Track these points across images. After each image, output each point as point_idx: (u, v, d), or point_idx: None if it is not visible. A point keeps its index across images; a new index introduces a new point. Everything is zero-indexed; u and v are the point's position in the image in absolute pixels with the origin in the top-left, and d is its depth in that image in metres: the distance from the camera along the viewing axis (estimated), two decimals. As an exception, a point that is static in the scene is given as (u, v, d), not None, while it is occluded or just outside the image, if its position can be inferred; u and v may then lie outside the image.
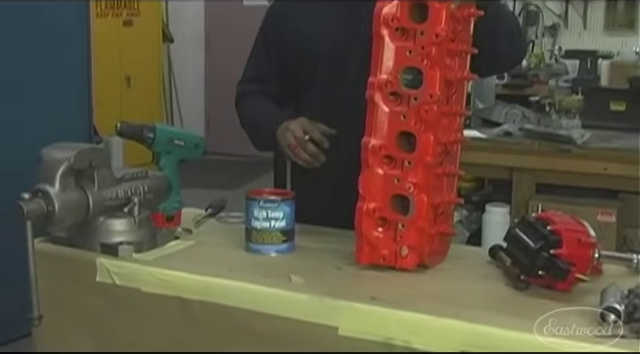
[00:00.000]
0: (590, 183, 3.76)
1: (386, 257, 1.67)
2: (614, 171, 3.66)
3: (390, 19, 1.66)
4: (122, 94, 7.37)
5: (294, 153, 1.93)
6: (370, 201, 1.67)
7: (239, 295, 1.59)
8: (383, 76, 1.67)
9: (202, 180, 6.32)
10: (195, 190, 3.76)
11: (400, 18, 1.66)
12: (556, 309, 1.45)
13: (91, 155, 1.74)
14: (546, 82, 5.09)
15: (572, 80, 5.10)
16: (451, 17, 1.65)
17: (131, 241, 1.77)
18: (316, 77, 2.09)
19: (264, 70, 2.18)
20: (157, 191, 1.89)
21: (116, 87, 7.27)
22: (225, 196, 2.27)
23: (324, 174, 1.97)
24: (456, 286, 1.64)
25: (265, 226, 1.79)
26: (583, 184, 3.77)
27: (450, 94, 1.70)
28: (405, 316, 1.44)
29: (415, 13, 1.67)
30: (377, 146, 1.67)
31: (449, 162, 1.73)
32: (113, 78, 7.14)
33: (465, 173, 1.78)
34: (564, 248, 1.50)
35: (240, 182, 6.76)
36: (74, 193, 1.71)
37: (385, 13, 1.67)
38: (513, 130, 4.10)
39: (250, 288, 1.59)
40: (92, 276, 1.73)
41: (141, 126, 1.94)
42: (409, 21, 1.66)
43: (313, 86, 2.11)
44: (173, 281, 1.66)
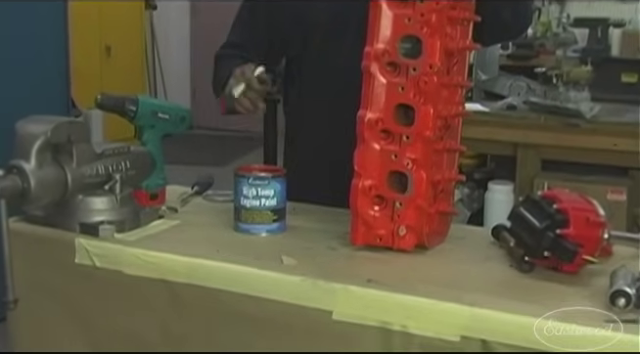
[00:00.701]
0: (599, 159, 3.77)
1: (382, 237, 1.68)
2: (624, 147, 3.67)
3: None
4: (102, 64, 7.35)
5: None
6: (366, 179, 1.67)
7: (227, 278, 1.59)
8: (380, 46, 1.67)
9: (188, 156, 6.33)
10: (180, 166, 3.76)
11: None
12: (562, 292, 1.47)
13: (69, 129, 1.74)
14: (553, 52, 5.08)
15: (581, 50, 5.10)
16: None
17: (112, 220, 1.77)
18: (310, 48, 2.09)
19: (248, 38, 2.19)
20: (139, 167, 1.89)
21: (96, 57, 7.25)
22: (213, 172, 2.27)
23: (320, 150, 1.98)
24: (457, 268, 1.64)
25: (255, 204, 1.79)
26: (592, 160, 3.78)
27: (451, 65, 1.70)
28: (403, 299, 1.45)
29: None
30: (373, 119, 1.67)
31: (450, 137, 1.73)
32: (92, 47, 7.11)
33: (466, 149, 1.78)
34: (571, 228, 1.50)
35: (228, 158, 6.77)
36: (51, 169, 1.71)
37: None
38: (517, 103, 4.10)
39: (238, 270, 1.59)
40: (71, 257, 1.73)
41: (122, 98, 1.94)
42: None
43: (307, 57, 2.11)
44: (157, 262, 1.66)
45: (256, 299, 1.56)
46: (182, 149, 4.95)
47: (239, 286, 1.58)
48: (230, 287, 1.58)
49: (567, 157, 3.84)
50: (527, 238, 1.57)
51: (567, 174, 3.79)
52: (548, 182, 3.65)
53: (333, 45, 2.03)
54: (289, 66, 2.26)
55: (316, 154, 2.07)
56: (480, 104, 4.17)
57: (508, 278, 1.57)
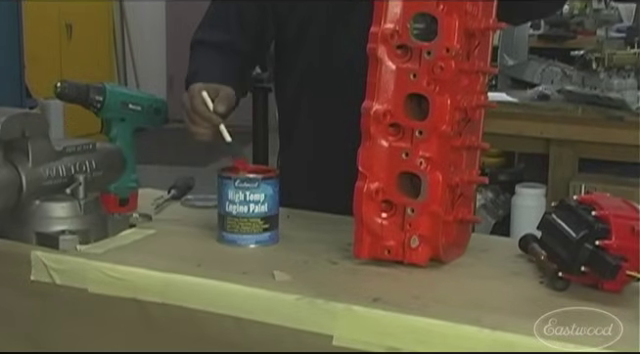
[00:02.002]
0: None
1: (391, 250, 1.69)
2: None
3: None
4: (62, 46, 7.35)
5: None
6: (372, 181, 1.68)
7: (209, 297, 1.60)
8: (388, 26, 1.68)
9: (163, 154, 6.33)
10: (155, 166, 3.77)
11: None
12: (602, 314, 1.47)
13: (23, 123, 1.74)
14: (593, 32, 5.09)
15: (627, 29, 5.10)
16: None
17: (75, 229, 1.78)
18: (310, 32, 2.09)
19: (234, 16, 2.18)
20: (107, 167, 1.90)
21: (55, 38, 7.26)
22: (192, 173, 2.29)
23: (321, 148, 1.97)
24: (477, 285, 1.65)
25: (243, 211, 1.80)
26: (637, 160, 3.79)
27: (472, 48, 1.70)
28: (414, 322, 1.45)
29: None
30: (380, 112, 1.67)
31: (470, 133, 1.73)
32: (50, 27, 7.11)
33: (490, 147, 1.79)
34: (613, 239, 1.51)
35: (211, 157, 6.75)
36: (3, 169, 1.71)
37: None
38: (551, 92, 4.12)
39: (222, 288, 1.60)
40: (26, 273, 1.73)
41: (87, 87, 1.95)
42: None
43: (306, 43, 2.11)
44: (128, 279, 1.66)
45: (243, 322, 1.56)
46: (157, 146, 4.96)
47: (223, 306, 1.58)
48: (212, 307, 1.59)
49: (608, 156, 3.85)
50: (562, 250, 1.57)
51: (608, 176, 3.81)
52: (586, 185, 3.67)
53: (337, 28, 2.03)
54: (281, 52, 2.26)
55: (317, 153, 2.07)
56: (506, 93, 4.19)
57: (538, 297, 1.58)
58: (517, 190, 3.99)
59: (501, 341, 1.39)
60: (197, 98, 1.94)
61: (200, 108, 1.94)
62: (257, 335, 1.55)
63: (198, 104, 1.94)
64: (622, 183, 3.67)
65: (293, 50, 2.19)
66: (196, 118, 1.95)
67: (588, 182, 3.72)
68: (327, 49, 2.07)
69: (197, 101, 1.94)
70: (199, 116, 1.95)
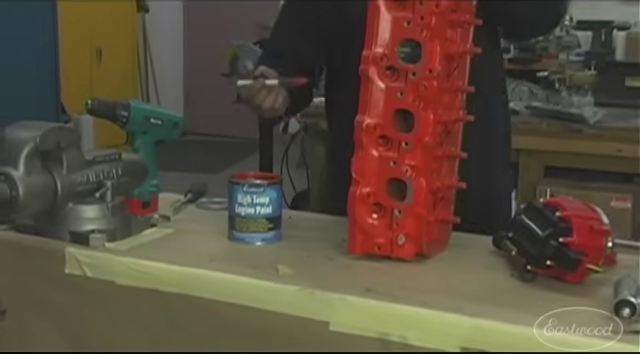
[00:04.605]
0: (603, 166, 3.77)
1: (381, 246, 1.68)
2: (629, 153, 3.67)
3: None
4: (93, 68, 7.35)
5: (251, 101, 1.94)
6: (364, 186, 1.67)
7: (221, 288, 1.59)
8: (378, 49, 1.67)
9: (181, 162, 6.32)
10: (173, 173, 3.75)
11: None
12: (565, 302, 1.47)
13: (59, 135, 1.74)
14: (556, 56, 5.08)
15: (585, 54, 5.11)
16: None
17: (103, 228, 1.77)
18: (352, 50, 2.00)
19: (294, 43, 2.13)
20: (131, 174, 1.89)
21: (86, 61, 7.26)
22: (206, 179, 2.27)
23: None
24: (458, 277, 1.64)
25: (250, 212, 1.79)
26: (596, 167, 3.79)
27: (451, 69, 1.70)
28: (402, 310, 1.45)
29: None
30: (371, 125, 1.67)
31: (450, 143, 1.73)
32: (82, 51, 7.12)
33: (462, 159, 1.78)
34: (574, 236, 1.51)
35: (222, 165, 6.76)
36: (41, 176, 1.71)
37: None
38: (519, 108, 4.10)
39: (233, 280, 1.59)
40: (60, 267, 1.72)
41: (114, 103, 1.94)
42: None
43: (349, 59, 2.03)
44: (150, 272, 1.66)
45: (251, 310, 1.56)
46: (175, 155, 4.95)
47: (233, 296, 1.58)
48: (224, 297, 1.58)
49: (570, 164, 3.84)
50: (530, 246, 1.57)
51: (570, 181, 3.80)
52: (551, 189, 3.66)
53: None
54: (328, 81, 2.22)
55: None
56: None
57: (510, 287, 1.57)
58: (490, 193, 3.98)
59: (479, 327, 1.39)
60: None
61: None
62: (263, 322, 1.55)
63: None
64: (583, 187, 3.66)
65: (335, 70, 2.15)
66: (257, 92, 1.92)
67: (553, 187, 3.71)
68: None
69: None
70: (255, 89, 1.92)
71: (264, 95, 1.93)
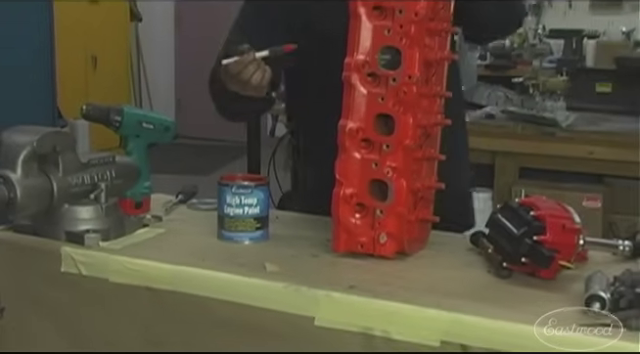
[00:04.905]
0: (575, 167, 3.79)
1: (364, 244, 1.68)
2: (599, 155, 3.69)
3: None
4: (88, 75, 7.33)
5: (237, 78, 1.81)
6: (347, 187, 1.67)
7: (210, 285, 1.59)
8: (360, 57, 1.67)
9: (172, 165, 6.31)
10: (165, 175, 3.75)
11: None
12: (539, 297, 1.47)
13: (55, 139, 1.73)
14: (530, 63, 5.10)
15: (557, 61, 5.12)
16: None
17: (98, 228, 1.76)
18: (321, 59, 1.93)
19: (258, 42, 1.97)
20: (125, 176, 1.88)
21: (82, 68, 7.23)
22: (197, 181, 2.27)
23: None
24: (437, 274, 1.64)
25: (238, 213, 1.78)
26: (568, 168, 3.80)
27: (430, 75, 1.70)
28: (384, 305, 1.45)
29: None
30: (354, 129, 1.67)
31: (429, 146, 1.73)
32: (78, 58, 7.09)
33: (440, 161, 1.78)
34: (547, 235, 1.51)
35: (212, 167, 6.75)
36: (38, 179, 1.70)
37: None
38: (495, 112, 4.12)
39: (222, 278, 1.59)
40: (57, 266, 1.72)
41: (108, 109, 1.93)
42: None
43: (315, 68, 1.99)
44: (143, 270, 1.65)
45: (240, 306, 1.55)
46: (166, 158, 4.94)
47: (222, 293, 1.57)
48: (214, 294, 1.58)
49: (543, 165, 3.85)
50: (505, 244, 1.57)
51: (543, 182, 3.81)
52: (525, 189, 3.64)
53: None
54: (289, 80, 2.15)
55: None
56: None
57: (487, 283, 1.57)
58: (468, 194, 3.99)
59: (458, 321, 1.39)
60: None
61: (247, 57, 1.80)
62: (251, 317, 1.54)
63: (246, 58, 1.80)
64: (556, 188, 3.67)
65: (301, 78, 2.08)
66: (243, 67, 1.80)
67: (527, 187, 3.71)
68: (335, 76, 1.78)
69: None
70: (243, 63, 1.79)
71: (252, 70, 1.80)
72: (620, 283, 1.41)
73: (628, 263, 1.61)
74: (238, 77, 1.81)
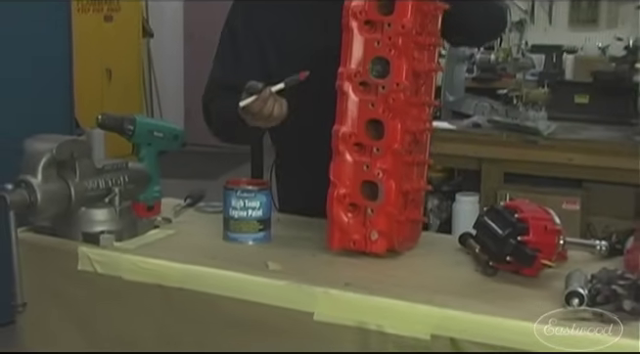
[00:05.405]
0: (556, 173, 3.79)
1: (356, 242, 1.67)
2: (578, 161, 3.70)
3: (359, 11, 1.67)
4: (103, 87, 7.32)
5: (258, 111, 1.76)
6: (340, 188, 1.67)
7: (217, 282, 1.59)
8: (352, 67, 1.68)
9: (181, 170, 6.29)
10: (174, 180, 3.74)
11: (368, 11, 1.67)
12: (523, 293, 1.47)
13: (73, 147, 1.73)
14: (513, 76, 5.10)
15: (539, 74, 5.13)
16: (418, 10, 1.66)
17: (112, 230, 1.76)
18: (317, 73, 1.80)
19: (236, 75, 1.96)
20: (137, 181, 1.88)
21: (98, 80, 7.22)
22: (204, 186, 2.26)
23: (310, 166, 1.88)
24: (428, 272, 1.64)
25: (242, 215, 1.78)
26: (549, 174, 3.80)
27: (419, 86, 1.71)
28: (378, 301, 1.44)
29: (383, 6, 1.68)
30: (347, 133, 1.67)
31: (418, 152, 1.73)
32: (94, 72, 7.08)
33: (435, 164, 1.78)
34: (530, 236, 1.51)
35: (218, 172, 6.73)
36: (56, 183, 1.70)
37: (353, 6, 1.68)
38: (482, 122, 4.12)
39: (227, 276, 1.58)
40: (74, 264, 1.71)
41: (121, 118, 1.93)
42: (377, 14, 1.67)
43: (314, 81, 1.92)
44: (154, 269, 1.65)
45: (244, 302, 1.55)
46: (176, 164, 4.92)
47: (228, 290, 1.57)
48: (220, 290, 1.58)
49: (526, 171, 3.85)
50: (491, 244, 1.57)
51: (526, 186, 3.80)
52: (510, 193, 3.67)
53: (321, 75, 1.76)
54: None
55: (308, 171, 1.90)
56: (447, 122, 4.19)
57: (474, 281, 1.57)
58: (457, 197, 3.98)
59: (447, 316, 1.38)
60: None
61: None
62: (255, 312, 1.54)
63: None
64: (538, 192, 3.67)
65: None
66: (263, 104, 1.75)
67: (511, 191, 3.71)
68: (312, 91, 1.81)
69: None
70: (263, 100, 1.74)
71: (271, 104, 1.76)
72: (597, 280, 1.41)
73: (605, 262, 1.62)
74: (260, 114, 1.76)
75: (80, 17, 6.56)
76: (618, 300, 1.35)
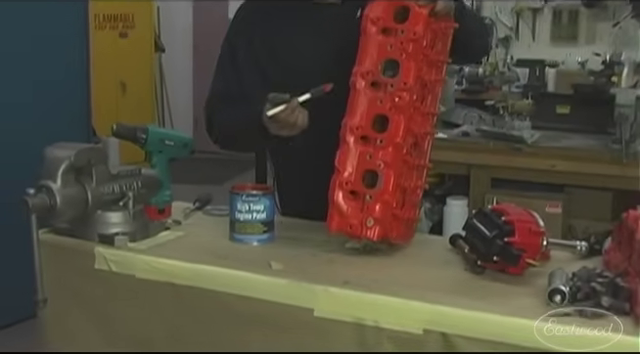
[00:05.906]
0: (539, 178, 3.79)
1: (353, 226, 1.66)
2: (560, 168, 3.70)
3: (376, 19, 1.71)
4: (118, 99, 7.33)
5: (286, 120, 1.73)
6: (343, 174, 1.67)
7: (224, 280, 1.58)
8: (366, 67, 1.70)
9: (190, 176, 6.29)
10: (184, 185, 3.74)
11: (385, 18, 1.71)
12: (508, 290, 1.47)
13: (90, 154, 1.73)
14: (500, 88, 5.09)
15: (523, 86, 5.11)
16: (429, 27, 1.69)
17: (126, 231, 1.75)
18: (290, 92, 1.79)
19: (238, 87, 1.97)
20: (149, 186, 1.88)
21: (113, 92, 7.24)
22: (211, 190, 2.26)
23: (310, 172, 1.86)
24: (420, 270, 1.64)
25: (247, 218, 1.78)
26: (533, 179, 3.80)
27: (425, 94, 1.73)
28: (375, 298, 1.44)
29: (398, 15, 1.71)
30: (354, 125, 1.68)
31: (418, 156, 1.74)
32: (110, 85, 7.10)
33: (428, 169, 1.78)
34: (516, 237, 1.51)
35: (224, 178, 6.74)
36: (75, 188, 1.69)
37: (372, 14, 1.72)
38: (470, 131, 4.12)
39: (234, 274, 1.58)
40: (91, 263, 1.71)
41: (135, 128, 1.93)
42: (392, 21, 1.71)
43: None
44: (165, 268, 1.65)
45: (249, 299, 1.55)
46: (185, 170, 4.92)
47: (234, 287, 1.57)
48: (227, 288, 1.57)
49: (512, 176, 3.85)
50: (480, 245, 1.57)
51: (512, 191, 3.80)
52: (497, 197, 3.67)
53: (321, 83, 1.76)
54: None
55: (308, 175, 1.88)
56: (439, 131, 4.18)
57: (463, 279, 1.57)
58: (447, 201, 3.98)
59: (439, 312, 1.38)
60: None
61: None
62: (259, 309, 1.54)
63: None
64: (523, 196, 3.66)
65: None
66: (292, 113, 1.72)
67: (498, 195, 3.72)
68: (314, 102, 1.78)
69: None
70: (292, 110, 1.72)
71: (297, 114, 1.73)
72: (578, 278, 1.41)
73: (585, 261, 1.62)
74: (286, 123, 1.74)
75: (98, 34, 6.59)
76: (597, 297, 1.35)
